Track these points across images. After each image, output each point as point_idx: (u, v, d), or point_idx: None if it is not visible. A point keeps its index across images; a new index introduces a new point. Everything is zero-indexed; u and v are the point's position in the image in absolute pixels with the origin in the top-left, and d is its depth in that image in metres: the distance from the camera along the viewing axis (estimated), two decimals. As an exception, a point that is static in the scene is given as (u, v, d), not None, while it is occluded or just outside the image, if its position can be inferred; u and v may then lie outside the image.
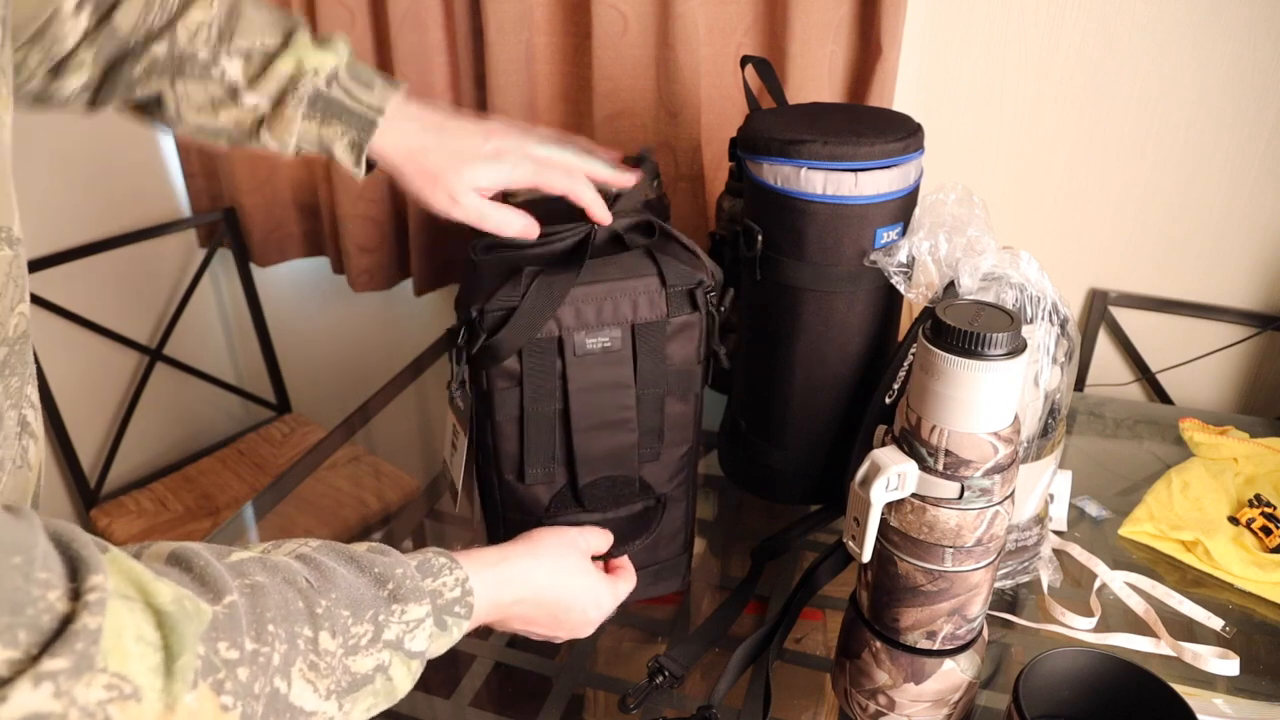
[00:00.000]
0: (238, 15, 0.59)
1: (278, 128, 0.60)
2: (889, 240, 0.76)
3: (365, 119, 0.62)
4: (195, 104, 0.59)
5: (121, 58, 0.57)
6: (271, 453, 1.67)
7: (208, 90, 0.59)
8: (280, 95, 0.60)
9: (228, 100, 0.59)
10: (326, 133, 0.61)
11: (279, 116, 0.60)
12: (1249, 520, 0.88)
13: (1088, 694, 0.60)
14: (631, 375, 0.68)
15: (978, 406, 0.55)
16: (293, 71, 0.59)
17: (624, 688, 0.72)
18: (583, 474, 0.70)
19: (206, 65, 0.58)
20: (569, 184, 0.66)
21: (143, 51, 0.57)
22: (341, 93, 0.61)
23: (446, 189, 0.63)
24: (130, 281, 1.60)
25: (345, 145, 0.62)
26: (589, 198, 0.67)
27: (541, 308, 0.64)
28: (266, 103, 0.60)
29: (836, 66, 1.15)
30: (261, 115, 0.60)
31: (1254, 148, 1.09)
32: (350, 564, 0.46)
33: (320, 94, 0.61)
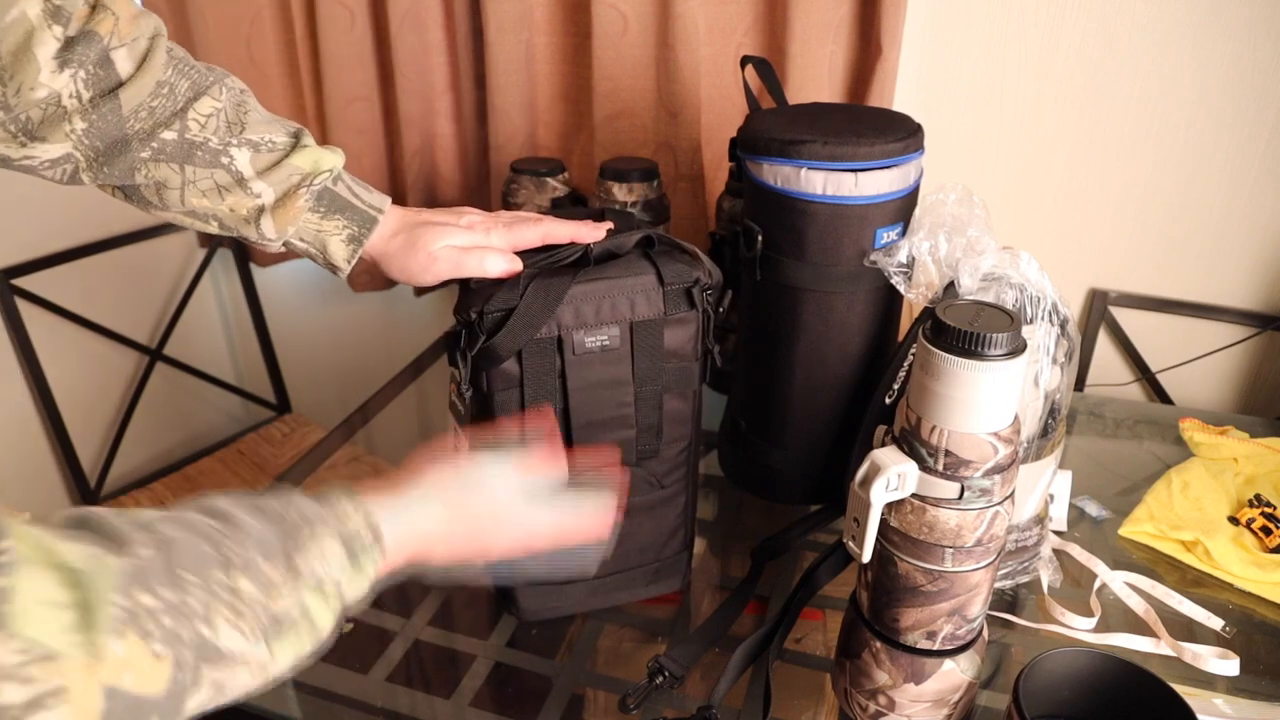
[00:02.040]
0: (245, 109, 0.62)
1: (281, 217, 0.63)
2: (889, 240, 0.76)
3: (367, 215, 0.66)
4: (201, 189, 0.61)
5: (123, 140, 0.57)
6: (271, 453, 1.67)
7: (214, 177, 0.61)
8: (290, 188, 0.63)
9: (234, 187, 0.62)
10: (327, 225, 0.65)
11: (286, 207, 0.63)
12: (1249, 520, 0.88)
13: (1088, 694, 0.60)
14: (630, 373, 0.69)
15: (978, 406, 0.55)
16: (308, 169, 0.63)
17: (624, 688, 0.72)
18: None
19: (216, 154, 0.60)
20: (541, 230, 0.69)
21: (149, 137, 0.58)
22: (346, 191, 0.66)
23: (425, 250, 0.67)
24: (130, 281, 1.60)
25: (344, 239, 0.66)
26: (566, 231, 0.69)
27: (540, 308, 0.64)
28: (273, 193, 0.63)
29: (836, 66, 1.15)
30: (262, 205, 0.63)
31: (1254, 148, 1.09)
32: (254, 510, 0.46)
33: (328, 190, 0.65)
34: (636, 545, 0.76)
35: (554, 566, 0.66)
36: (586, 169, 1.34)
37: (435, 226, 0.68)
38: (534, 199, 1.14)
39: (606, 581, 0.77)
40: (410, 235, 0.67)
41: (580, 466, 0.64)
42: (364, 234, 0.66)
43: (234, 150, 0.61)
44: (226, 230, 0.65)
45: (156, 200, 0.62)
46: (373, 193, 0.68)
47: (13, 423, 1.44)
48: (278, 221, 0.64)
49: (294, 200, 0.63)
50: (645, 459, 0.72)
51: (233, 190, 0.62)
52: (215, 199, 0.62)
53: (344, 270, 0.67)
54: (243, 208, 0.63)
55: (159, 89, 0.58)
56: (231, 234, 0.65)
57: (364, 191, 0.67)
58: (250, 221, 0.63)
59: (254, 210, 0.63)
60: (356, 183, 0.67)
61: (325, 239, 0.66)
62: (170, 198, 0.61)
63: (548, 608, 0.77)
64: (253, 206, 0.63)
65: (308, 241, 0.66)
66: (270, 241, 0.65)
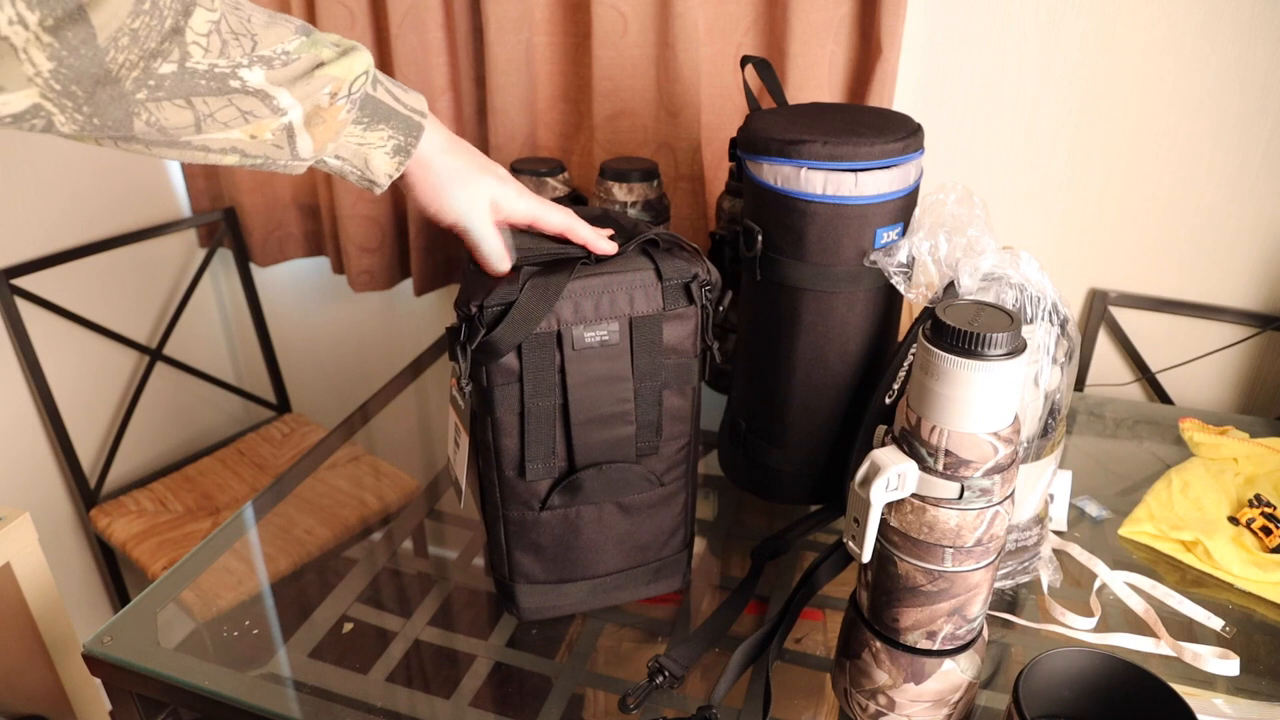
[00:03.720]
0: (244, 13, 0.51)
1: (320, 133, 0.55)
2: (889, 240, 0.76)
3: (411, 121, 0.60)
4: (223, 120, 0.51)
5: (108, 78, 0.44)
6: (271, 453, 1.67)
7: (235, 103, 0.50)
8: (326, 99, 0.54)
9: (259, 107, 0.51)
10: (370, 137, 0.58)
11: (324, 120, 0.54)
12: (1249, 520, 0.88)
13: (1088, 694, 0.60)
14: (629, 368, 0.69)
15: (978, 406, 0.55)
16: (341, 74, 0.54)
17: (624, 688, 0.72)
18: (582, 467, 0.71)
19: (225, 77, 0.49)
20: (566, 221, 0.68)
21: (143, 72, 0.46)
22: (386, 94, 0.58)
23: (470, 191, 0.64)
24: (130, 281, 1.60)
25: (389, 150, 0.59)
26: (585, 234, 0.68)
27: (539, 302, 0.65)
28: (301, 109, 0.53)
29: (836, 66, 1.15)
30: (290, 123, 0.53)
31: (1254, 148, 1.09)
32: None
33: (369, 96, 0.57)
34: (636, 544, 0.76)
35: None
36: (586, 169, 1.34)
37: (488, 173, 0.64)
38: (534, 199, 1.14)
39: (606, 581, 0.77)
40: (462, 164, 0.63)
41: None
42: (411, 143, 0.60)
43: (244, 72, 0.50)
44: (249, 160, 0.54)
45: (160, 138, 0.49)
46: (408, 91, 0.61)
47: (13, 423, 1.44)
48: (316, 139, 0.55)
49: (332, 113, 0.54)
50: (645, 456, 0.73)
51: (258, 113, 0.51)
52: (240, 125, 0.51)
53: (384, 186, 0.61)
54: (267, 130, 0.52)
55: (139, 4, 0.44)
56: (254, 165, 0.55)
57: (400, 92, 0.60)
58: (280, 145, 0.53)
59: (281, 131, 0.53)
60: (391, 81, 0.59)
61: (367, 153, 0.58)
62: (183, 135, 0.50)
63: (547, 607, 0.77)
64: (279, 127, 0.53)
65: (345, 158, 0.59)
66: (303, 162, 0.56)
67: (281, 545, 0.92)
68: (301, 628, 0.78)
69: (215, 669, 0.73)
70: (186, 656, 0.74)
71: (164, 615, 0.79)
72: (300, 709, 0.70)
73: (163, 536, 1.44)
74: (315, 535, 0.97)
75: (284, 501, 0.97)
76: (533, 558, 0.75)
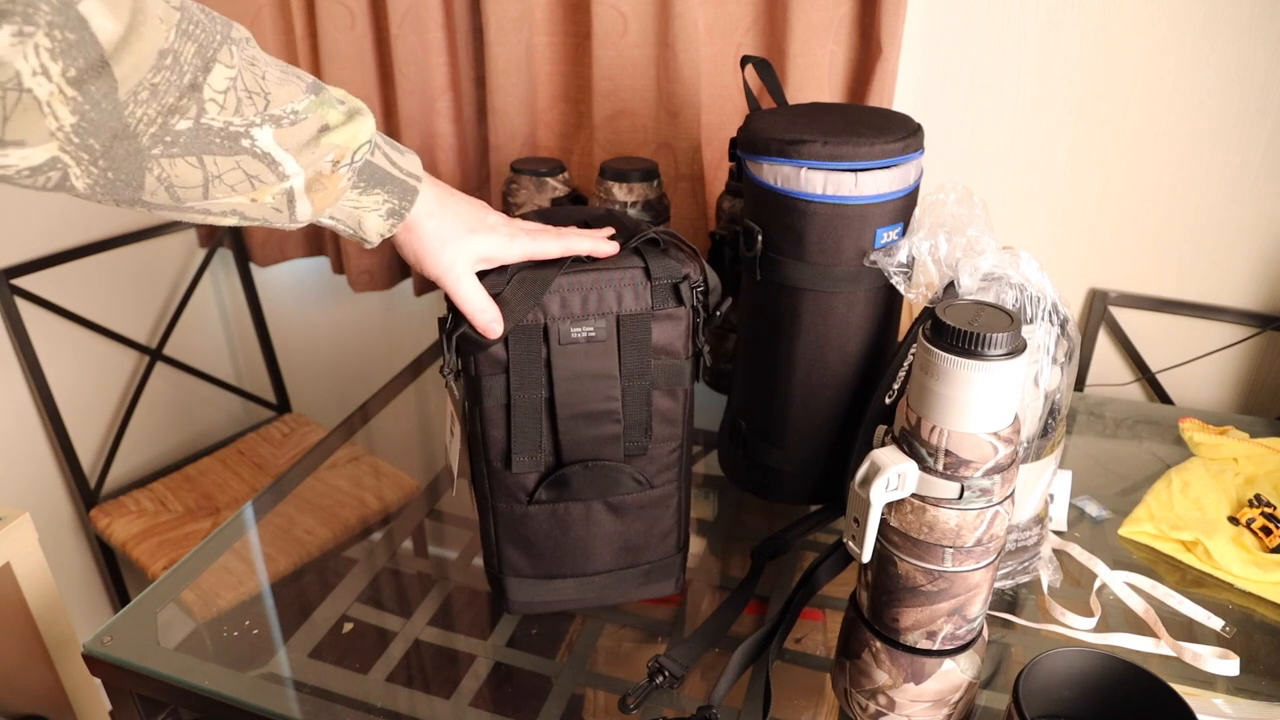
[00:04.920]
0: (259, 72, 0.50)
1: (319, 199, 0.55)
2: (889, 240, 0.76)
3: (407, 186, 0.61)
4: (230, 184, 0.50)
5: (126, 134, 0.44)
6: (271, 453, 1.67)
7: (242, 167, 0.50)
8: (328, 166, 0.54)
9: (265, 174, 0.51)
10: (365, 201, 0.59)
11: (324, 188, 0.55)
12: (1249, 520, 0.88)
13: (1088, 694, 0.60)
14: (616, 366, 0.69)
15: (978, 406, 0.55)
16: (343, 142, 0.55)
17: (624, 688, 0.72)
18: (569, 463, 0.71)
19: (238, 136, 0.49)
20: (563, 244, 0.67)
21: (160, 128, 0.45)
22: (384, 160, 0.59)
23: (451, 254, 0.64)
24: (130, 281, 1.60)
25: (382, 214, 0.60)
26: (587, 246, 0.68)
27: (524, 296, 0.65)
28: (304, 176, 0.53)
29: (836, 66, 1.15)
30: (292, 188, 0.53)
31: (1254, 148, 1.09)
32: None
33: (368, 163, 0.58)
34: (627, 545, 0.76)
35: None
36: (586, 169, 1.34)
37: (466, 228, 0.64)
38: (534, 199, 1.14)
39: (596, 580, 0.77)
40: (445, 227, 0.63)
41: None
42: (405, 207, 0.60)
43: (256, 131, 0.49)
44: (248, 221, 0.55)
45: (167, 201, 0.49)
46: (405, 154, 0.62)
47: (13, 423, 1.44)
48: (315, 204, 0.55)
49: (333, 180, 0.55)
50: (633, 456, 0.72)
51: (264, 178, 0.51)
52: (246, 190, 0.51)
53: (373, 244, 0.62)
54: (267, 194, 0.52)
55: (161, 59, 0.43)
56: (252, 224, 0.55)
57: (397, 155, 0.61)
58: (280, 209, 0.54)
59: (282, 196, 0.53)
60: (389, 144, 0.61)
61: (361, 215, 0.59)
62: (189, 197, 0.49)
63: (537, 601, 0.77)
64: (280, 191, 0.53)
65: (339, 219, 0.59)
66: (297, 224, 0.57)
67: (281, 545, 0.92)
68: (301, 628, 0.78)
69: (215, 669, 0.73)
70: (186, 656, 0.74)
71: (164, 615, 0.79)
72: (300, 709, 0.70)
73: (163, 536, 1.44)
74: (315, 535, 0.97)
75: (284, 501, 0.97)
76: (521, 551, 0.75)
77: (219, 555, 0.87)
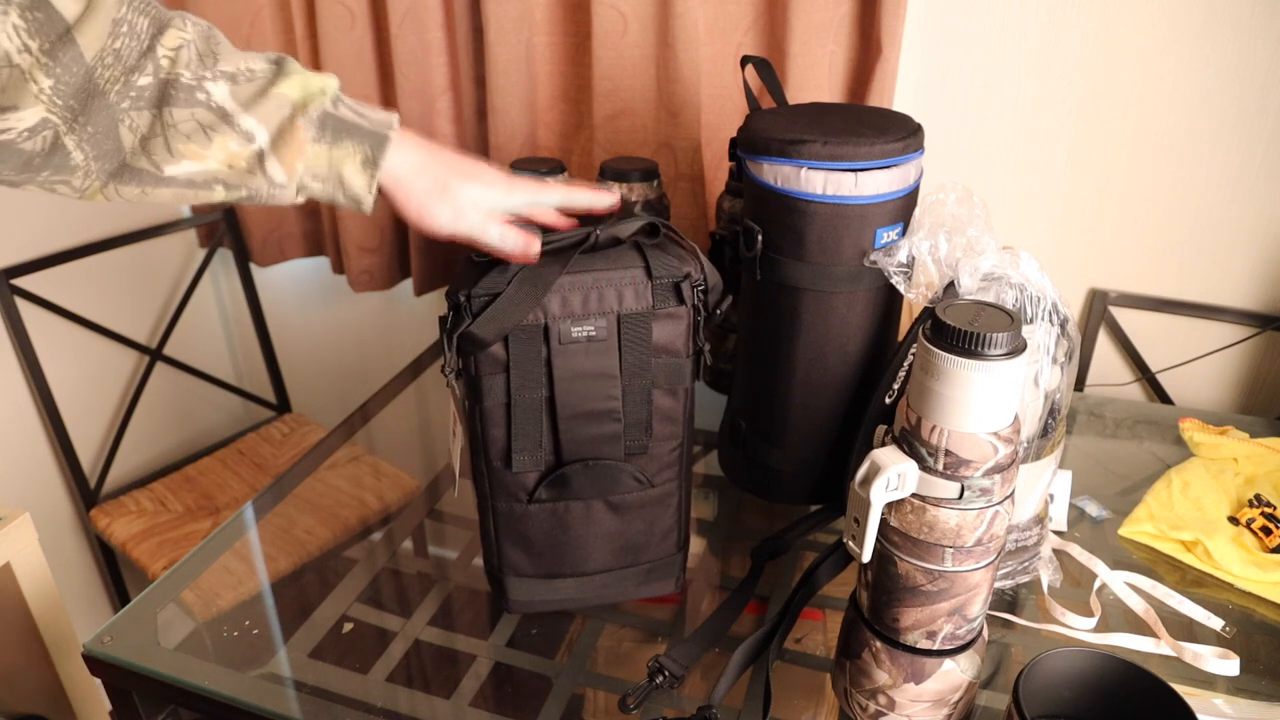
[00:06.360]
0: (214, 41, 0.57)
1: (287, 155, 0.58)
2: (889, 240, 0.76)
3: (378, 135, 0.61)
4: (185, 132, 0.55)
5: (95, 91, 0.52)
6: (271, 453, 1.67)
7: (195, 117, 0.55)
8: (286, 120, 0.57)
9: (220, 126, 0.56)
10: (337, 154, 0.60)
11: (287, 143, 0.58)
12: (1249, 520, 0.88)
13: (1088, 694, 0.60)
14: (617, 365, 0.69)
15: (978, 406, 0.55)
16: (298, 96, 0.58)
17: (624, 688, 0.72)
18: (569, 462, 0.71)
19: (191, 89, 0.55)
20: (564, 196, 0.68)
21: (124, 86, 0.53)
22: (349, 112, 0.61)
23: (455, 201, 0.64)
24: (130, 281, 1.60)
25: (358, 164, 0.60)
26: (586, 198, 0.69)
27: (525, 296, 0.65)
28: (267, 132, 0.57)
29: (836, 66, 1.15)
30: (260, 148, 0.57)
31: (1254, 148, 1.09)
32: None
33: (329, 114, 0.59)
34: (627, 544, 0.76)
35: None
36: (586, 169, 1.34)
37: (469, 181, 0.64)
38: (534, 199, 1.14)
39: (596, 579, 0.77)
40: (440, 177, 0.63)
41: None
42: (378, 154, 0.61)
43: (209, 85, 0.55)
44: (234, 191, 0.59)
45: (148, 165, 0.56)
46: (378, 111, 0.63)
47: (13, 423, 1.44)
48: (284, 161, 0.58)
49: (293, 134, 0.58)
50: (634, 455, 0.72)
51: (219, 130, 0.55)
52: (203, 143, 0.55)
53: (367, 202, 0.62)
54: (241, 159, 0.57)
55: (117, 28, 0.52)
56: (241, 197, 0.59)
57: (369, 111, 0.62)
58: (254, 171, 0.58)
59: (254, 157, 0.57)
60: (357, 103, 0.62)
61: (339, 170, 0.60)
62: (157, 152, 0.55)
63: (536, 600, 0.77)
64: (251, 153, 0.57)
65: (321, 178, 0.61)
66: (282, 188, 0.59)
67: (281, 545, 0.92)
68: (301, 628, 0.78)
69: (215, 669, 0.73)
70: (186, 656, 0.74)
71: (164, 615, 0.79)
72: (300, 709, 0.70)
73: (163, 536, 1.44)
74: (315, 535, 0.97)
75: (284, 501, 0.97)
76: (521, 550, 0.75)
77: (219, 555, 0.87)
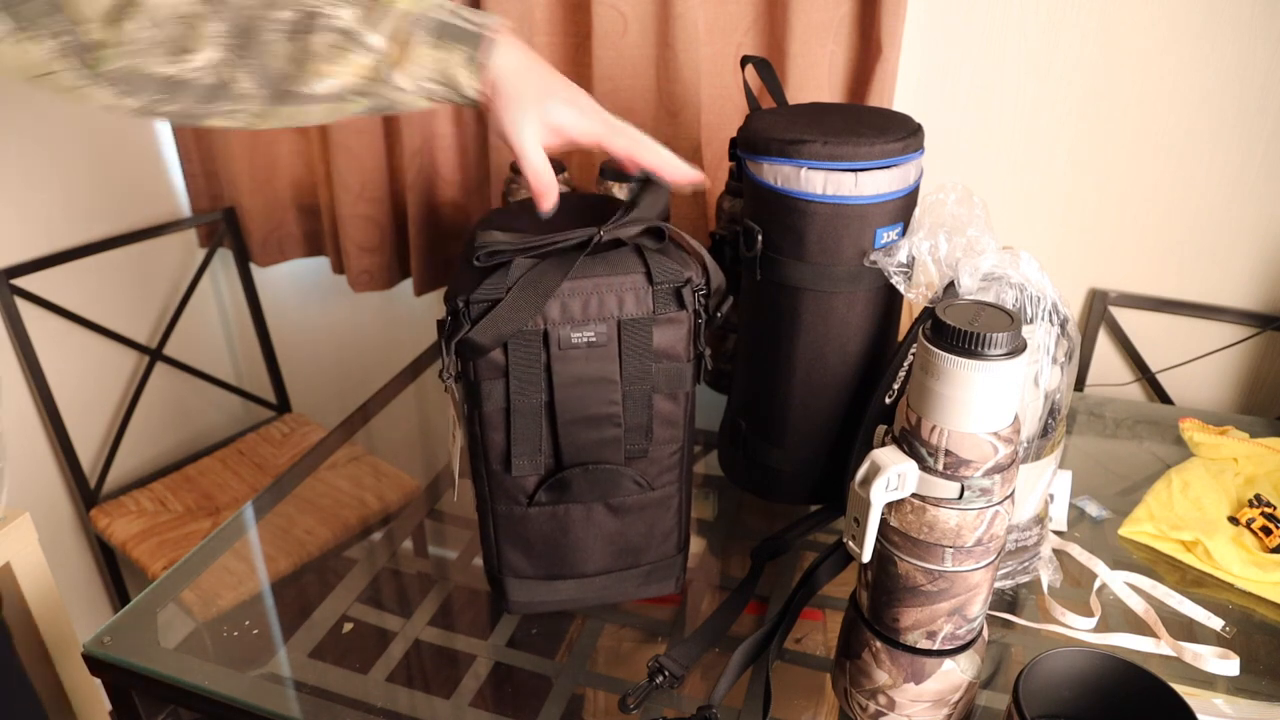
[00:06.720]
0: None
1: (406, 61, 0.64)
2: (889, 240, 0.76)
3: (482, 36, 0.66)
4: (322, 55, 0.63)
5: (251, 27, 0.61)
6: (271, 453, 1.67)
7: (328, 39, 0.63)
8: (401, 30, 0.64)
9: (349, 44, 0.63)
10: (446, 56, 0.65)
11: (405, 50, 0.64)
12: (1249, 520, 0.88)
13: (1088, 694, 0.60)
14: (617, 371, 0.68)
15: (978, 406, 0.55)
16: (410, 6, 0.64)
17: (624, 688, 0.72)
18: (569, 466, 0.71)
19: (324, 16, 0.62)
20: (632, 146, 0.70)
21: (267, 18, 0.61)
22: (457, 18, 0.66)
23: (521, 113, 0.67)
24: (130, 281, 1.60)
25: (463, 63, 0.66)
26: (655, 159, 0.70)
27: (525, 302, 0.64)
28: (388, 43, 0.64)
29: (836, 66, 1.15)
30: (383, 59, 0.64)
31: (1254, 147, 1.09)
32: None
33: (438, 20, 0.65)
34: (627, 546, 0.76)
35: None
36: (586, 169, 1.34)
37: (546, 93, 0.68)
38: (534, 199, 1.14)
39: (596, 581, 0.77)
40: (539, 90, 0.67)
41: None
42: (477, 55, 0.66)
43: (338, 9, 0.63)
44: (371, 99, 0.66)
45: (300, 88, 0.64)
46: (488, 15, 0.68)
47: (13, 423, 1.44)
48: (404, 68, 0.65)
49: (409, 42, 0.64)
50: (634, 459, 0.72)
51: (349, 48, 0.63)
52: (339, 62, 0.63)
53: (474, 96, 0.67)
54: (369, 70, 0.64)
55: None
56: (381, 105, 0.66)
57: (475, 15, 0.67)
58: (382, 79, 0.65)
59: (378, 67, 0.64)
60: (470, 10, 0.68)
61: (451, 70, 0.66)
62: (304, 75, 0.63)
63: (536, 601, 0.77)
64: (375, 64, 0.64)
65: (438, 81, 0.66)
66: (409, 94, 0.66)
67: (281, 545, 0.92)
68: (301, 628, 0.78)
69: (215, 669, 0.73)
70: (186, 656, 0.74)
71: (164, 615, 0.79)
72: (300, 709, 0.70)
73: (163, 536, 1.44)
74: (315, 535, 0.97)
75: (284, 501, 0.97)
76: (521, 552, 0.75)
77: (219, 555, 0.87)
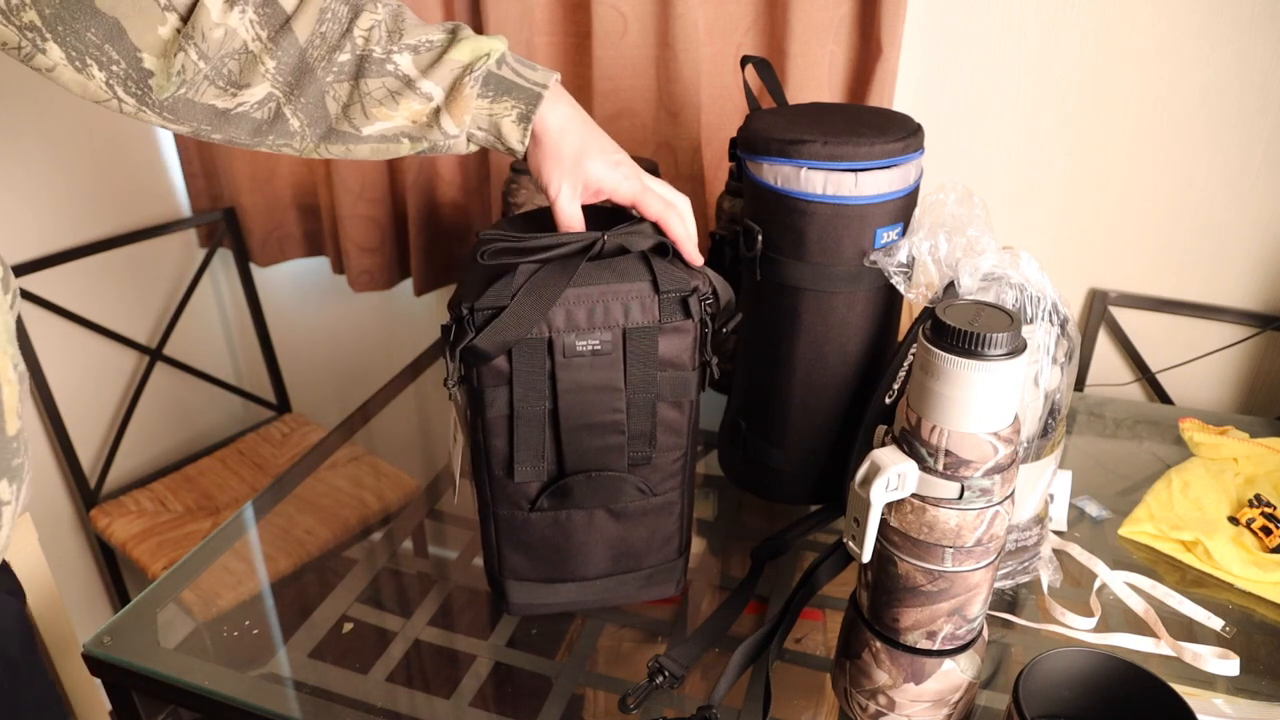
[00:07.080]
0: (401, 19, 0.66)
1: (456, 110, 0.66)
2: (889, 240, 0.76)
3: (533, 93, 0.68)
4: (377, 99, 0.65)
5: (307, 69, 0.63)
6: (271, 453, 1.67)
7: (385, 85, 0.65)
8: (456, 80, 0.66)
9: (405, 91, 0.65)
10: (497, 109, 0.67)
11: (456, 99, 0.66)
12: (1249, 520, 0.88)
13: (1088, 694, 0.60)
14: (622, 379, 0.68)
15: (978, 406, 0.55)
16: (468, 59, 0.65)
17: (624, 688, 0.72)
18: (572, 472, 0.71)
19: (381, 62, 0.64)
20: (663, 212, 0.70)
21: (328, 62, 0.63)
22: (510, 72, 0.68)
23: (558, 170, 0.69)
24: (130, 281, 1.60)
25: (514, 118, 0.68)
26: (679, 232, 0.70)
27: (530, 310, 0.64)
28: (441, 90, 0.66)
29: (836, 66, 1.15)
30: (437, 105, 0.66)
31: (1254, 147, 1.09)
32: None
33: (492, 74, 0.67)
34: (628, 550, 0.76)
35: None
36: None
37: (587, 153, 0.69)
38: (534, 199, 1.14)
39: (596, 584, 0.76)
40: (568, 148, 0.69)
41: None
42: (530, 110, 0.68)
43: (396, 57, 0.64)
44: (417, 143, 0.68)
45: (349, 128, 0.66)
46: (538, 70, 0.69)
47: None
48: (454, 116, 0.66)
49: (461, 91, 0.66)
50: (637, 466, 0.72)
51: (404, 94, 0.65)
52: (391, 107, 0.65)
53: (519, 150, 0.69)
54: (421, 115, 0.66)
55: (323, 15, 0.62)
56: (423, 148, 0.68)
57: (529, 70, 0.69)
58: (432, 125, 0.67)
59: (431, 113, 0.66)
60: (521, 63, 0.69)
61: (498, 122, 0.68)
62: (355, 116, 0.65)
63: (537, 604, 0.77)
64: (429, 110, 0.66)
65: (485, 130, 0.69)
66: (454, 138, 0.68)
67: (281, 545, 0.92)
68: (301, 628, 0.78)
69: (215, 669, 0.73)
70: (186, 656, 0.74)
71: (164, 615, 0.79)
72: (300, 709, 0.70)
73: (163, 536, 1.44)
74: (315, 535, 0.98)
75: (284, 501, 0.97)
76: (522, 556, 0.74)
77: (219, 555, 0.87)
